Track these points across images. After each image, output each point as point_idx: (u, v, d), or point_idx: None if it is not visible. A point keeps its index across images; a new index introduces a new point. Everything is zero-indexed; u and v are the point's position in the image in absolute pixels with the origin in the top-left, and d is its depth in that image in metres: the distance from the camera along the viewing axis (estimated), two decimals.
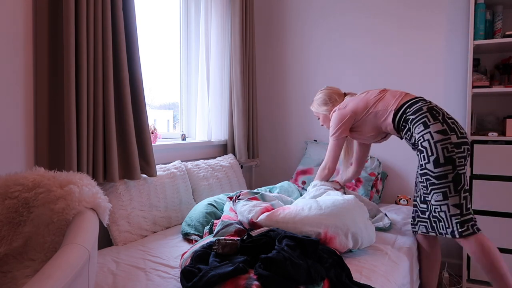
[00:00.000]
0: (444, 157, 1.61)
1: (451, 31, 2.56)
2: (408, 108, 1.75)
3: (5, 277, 1.14)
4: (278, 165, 3.27)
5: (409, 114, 1.73)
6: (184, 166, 2.31)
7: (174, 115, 2.81)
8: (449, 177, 1.61)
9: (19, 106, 1.56)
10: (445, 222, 1.66)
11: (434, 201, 1.67)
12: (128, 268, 1.49)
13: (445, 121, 1.66)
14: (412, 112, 1.72)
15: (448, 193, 1.62)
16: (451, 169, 1.61)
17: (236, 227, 1.60)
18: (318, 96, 2.11)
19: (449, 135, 1.62)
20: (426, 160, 1.66)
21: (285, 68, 3.19)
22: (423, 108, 1.70)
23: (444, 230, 1.67)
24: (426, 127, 1.66)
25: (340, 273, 1.27)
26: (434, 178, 1.64)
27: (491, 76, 2.40)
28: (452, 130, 1.64)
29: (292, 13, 3.14)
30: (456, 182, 1.61)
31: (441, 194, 1.64)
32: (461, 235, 1.62)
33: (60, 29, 1.60)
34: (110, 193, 1.82)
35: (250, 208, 1.65)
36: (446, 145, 1.62)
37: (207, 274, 1.14)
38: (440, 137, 1.63)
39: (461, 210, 1.62)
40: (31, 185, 1.23)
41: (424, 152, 1.66)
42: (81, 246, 0.98)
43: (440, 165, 1.62)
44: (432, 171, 1.64)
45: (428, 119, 1.67)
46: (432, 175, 1.65)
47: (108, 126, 1.74)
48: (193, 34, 2.72)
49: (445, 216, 1.65)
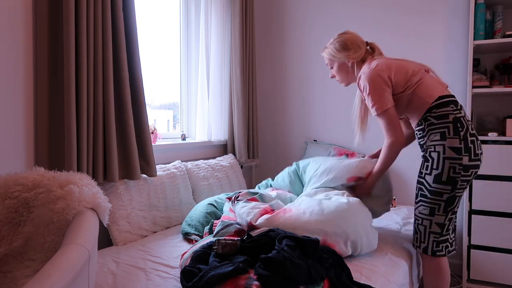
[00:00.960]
0: (448, 176, 1.51)
1: (451, 31, 2.56)
2: (435, 108, 1.58)
3: (5, 277, 1.14)
4: (278, 165, 3.27)
5: (432, 117, 1.57)
6: (184, 166, 2.31)
7: (174, 115, 2.81)
8: (443, 196, 1.53)
9: (19, 106, 1.56)
10: (421, 236, 1.61)
11: (419, 212, 1.61)
12: (128, 268, 1.49)
13: (465, 138, 1.51)
14: (436, 116, 1.56)
15: (436, 210, 1.55)
16: (449, 190, 1.52)
17: (236, 227, 1.60)
18: (337, 39, 1.78)
19: (462, 156, 1.50)
20: (427, 171, 1.57)
21: (285, 68, 3.19)
22: (449, 117, 1.54)
23: (418, 243, 1.63)
24: (443, 139, 1.53)
25: (340, 273, 1.27)
26: (428, 191, 1.56)
27: (491, 76, 2.40)
28: (467, 150, 1.50)
29: (292, 12, 3.14)
30: (448, 203, 1.54)
31: (428, 209, 1.57)
32: (433, 254, 1.59)
33: (60, 29, 1.60)
34: (110, 193, 1.82)
35: (249, 210, 1.62)
36: (454, 165, 1.50)
37: (207, 274, 1.14)
38: (451, 155, 1.50)
39: (442, 230, 1.57)
40: (31, 185, 1.23)
41: (429, 162, 1.56)
42: (81, 246, 0.98)
43: (440, 182, 1.52)
44: (429, 184, 1.56)
45: (448, 131, 1.52)
46: (427, 187, 1.56)
47: (108, 126, 1.74)
48: (193, 34, 2.72)
49: (424, 230, 1.59)
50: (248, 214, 1.60)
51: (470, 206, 2.27)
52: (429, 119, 1.58)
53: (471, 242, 2.26)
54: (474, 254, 2.25)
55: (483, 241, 2.24)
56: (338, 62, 1.80)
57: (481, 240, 2.24)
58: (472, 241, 2.26)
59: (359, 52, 1.74)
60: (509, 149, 2.16)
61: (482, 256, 2.24)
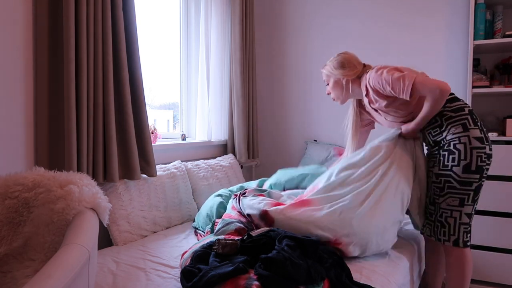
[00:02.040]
0: (476, 165, 1.55)
1: (451, 31, 2.56)
2: (448, 103, 1.63)
3: (5, 277, 1.14)
4: (278, 165, 3.26)
5: (449, 111, 1.62)
6: (184, 166, 2.31)
7: (174, 115, 2.81)
8: (473, 185, 1.56)
9: (19, 106, 1.56)
10: (451, 228, 1.60)
11: (447, 205, 1.61)
12: (128, 268, 1.49)
13: (483, 129, 1.59)
14: (452, 109, 1.61)
15: (466, 200, 1.57)
16: (477, 179, 1.56)
17: (237, 225, 1.60)
18: (336, 58, 1.86)
19: (485, 145, 1.57)
20: (455, 163, 1.58)
21: (285, 68, 3.19)
22: (465, 109, 1.61)
23: (446, 236, 1.62)
24: (466, 130, 1.57)
25: (340, 273, 1.27)
26: (458, 182, 1.57)
27: (491, 76, 2.40)
28: (487, 140, 1.59)
29: (292, 12, 3.14)
30: (476, 192, 1.58)
31: (458, 200, 1.58)
32: (465, 245, 1.60)
33: (60, 29, 1.60)
34: (110, 193, 1.82)
35: (260, 200, 1.65)
36: (481, 154, 1.55)
37: (207, 274, 1.14)
38: (478, 144, 1.55)
39: (470, 220, 1.60)
40: (31, 185, 1.23)
41: (455, 154, 1.58)
42: (81, 246, 0.98)
43: (470, 172, 1.55)
44: (458, 175, 1.57)
45: (468, 122, 1.58)
46: (457, 179, 1.57)
47: (108, 126, 1.74)
48: (193, 34, 2.72)
49: (454, 222, 1.59)
50: (260, 202, 1.63)
51: None
52: (446, 113, 1.62)
53: (471, 242, 2.26)
54: (474, 254, 2.25)
55: (483, 241, 2.24)
56: (333, 79, 1.85)
57: (481, 240, 2.24)
58: (472, 241, 2.26)
59: (354, 70, 1.79)
60: (509, 149, 2.16)
61: (482, 256, 2.24)
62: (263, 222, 1.60)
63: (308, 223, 1.52)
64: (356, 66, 1.80)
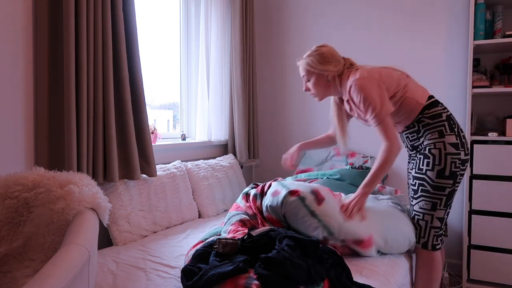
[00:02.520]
0: (450, 171, 1.57)
1: (451, 31, 2.56)
2: (427, 109, 1.64)
3: (5, 277, 1.14)
4: (278, 165, 3.27)
5: (426, 117, 1.63)
6: (184, 166, 2.31)
7: (174, 115, 2.81)
8: (446, 190, 1.59)
9: (19, 106, 1.56)
10: (422, 231, 1.64)
11: (419, 207, 1.64)
12: (128, 268, 1.49)
13: (459, 134, 1.61)
14: (430, 116, 1.63)
15: (438, 205, 1.60)
16: (451, 184, 1.58)
17: (242, 216, 1.66)
18: (317, 51, 1.69)
19: (460, 151, 1.59)
20: (429, 167, 1.60)
21: (285, 68, 3.19)
22: (443, 115, 1.62)
23: (417, 238, 1.66)
24: (441, 136, 1.59)
25: (341, 274, 1.27)
26: (431, 186, 1.60)
27: (491, 76, 2.40)
28: (463, 145, 1.60)
29: (292, 12, 3.14)
30: (449, 197, 1.60)
31: (430, 204, 1.61)
32: (434, 248, 1.63)
33: (60, 29, 1.60)
34: (110, 193, 1.82)
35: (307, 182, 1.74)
36: (455, 160, 1.57)
37: (207, 273, 1.14)
38: (452, 150, 1.58)
39: (441, 224, 1.63)
40: (31, 185, 1.23)
41: (430, 158, 1.60)
42: (81, 246, 0.98)
43: (443, 177, 1.58)
44: (432, 180, 1.60)
45: (445, 129, 1.60)
46: (430, 183, 1.60)
47: (108, 126, 1.74)
48: (193, 34, 2.72)
49: (425, 225, 1.63)
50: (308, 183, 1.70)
51: (470, 206, 2.26)
52: (423, 120, 1.63)
53: (471, 242, 2.26)
54: (474, 254, 2.25)
55: (483, 241, 2.23)
56: (316, 75, 1.70)
57: (481, 240, 2.24)
58: (472, 241, 2.26)
59: (339, 66, 1.68)
60: (509, 149, 2.16)
61: (482, 256, 2.24)
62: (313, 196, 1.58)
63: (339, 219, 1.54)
64: (340, 61, 1.69)
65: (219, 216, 2.35)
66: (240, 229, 1.58)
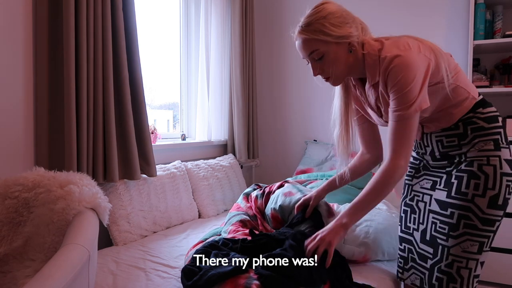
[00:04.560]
0: (504, 199, 1.12)
1: (451, 31, 2.56)
2: (481, 107, 1.16)
3: (5, 277, 1.14)
4: (278, 165, 3.26)
5: (481, 119, 1.15)
6: (184, 166, 2.31)
7: (174, 115, 2.81)
8: (495, 225, 1.13)
9: (19, 106, 1.56)
10: (464, 283, 1.14)
11: (462, 251, 1.14)
12: (128, 268, 1.49)
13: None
14: (485, 118, 1.15)
15: (485, 245, 1.13)
16: (500, 217, 1.14)
17: (242, 217, 1.66)
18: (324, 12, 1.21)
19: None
20: (479, 192, 1.12)
21: (285, 68, 3.19)
22: (499, 119, 1.17)
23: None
24: (497, 149, 1.13)
25: (341, 274, 1.27)
26: (480, 220, 1.12)
27: (491, 76, 2.40)
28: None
29: (292, 12, 3.14)
30: (495, 234, 1.15)
31: (477, 245, 1.12)
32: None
33: (60, 29, 1.60)
34: (110, 193, 1.82)
35: None
36: (509, 183, 1.13)
37: (207, 273, 1.14)
38: (508, 170, 1.12)
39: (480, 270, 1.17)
40: (31, 185, 1.23)
41: (480, 179, 1.12)
42: (81, 246, 0.98)
43: (495, 207, 1.11)
44: (482, 211, 1.12)
45: (501, 139, 1.14)
46: (479, 215, 1.12)
47: (108, 126, 1.74)
48: (193, 34, 2.72)
49: (469, 275, 1.14)
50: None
51: None
52: (477, 121, 1.15)
53: None
54: None
55: None
56: (334, 46, 1.19)
57: None
58: None
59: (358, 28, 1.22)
60: None
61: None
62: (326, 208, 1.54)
63: None
64: (356, 21, 1.25)
65: (219, 216, 2.35)
66: (240, 229, 1.58)
